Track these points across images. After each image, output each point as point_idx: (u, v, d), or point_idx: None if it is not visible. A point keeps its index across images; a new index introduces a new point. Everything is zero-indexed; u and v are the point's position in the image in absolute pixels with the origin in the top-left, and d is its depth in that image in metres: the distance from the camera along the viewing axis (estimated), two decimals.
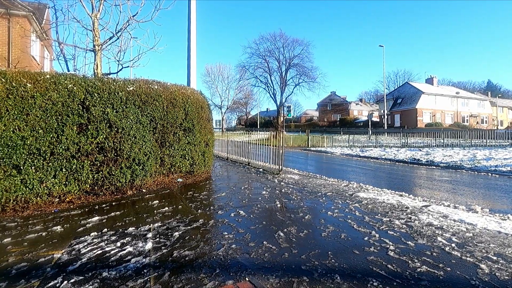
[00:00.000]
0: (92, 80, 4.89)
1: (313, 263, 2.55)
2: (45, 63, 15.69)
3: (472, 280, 2.28)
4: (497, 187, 6.83)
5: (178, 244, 2.96)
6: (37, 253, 2.77)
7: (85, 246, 2.91)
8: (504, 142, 19.79)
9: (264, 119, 66.99)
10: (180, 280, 2.28)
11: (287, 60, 40.95)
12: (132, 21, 7.35)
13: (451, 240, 3.10)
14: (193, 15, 8.85)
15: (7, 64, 11.25)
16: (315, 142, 23.40)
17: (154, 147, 5.61)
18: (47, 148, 4.24)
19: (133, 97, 5.24)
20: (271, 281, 2.25)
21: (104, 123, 4.77)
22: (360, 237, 3.21)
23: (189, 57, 8.91)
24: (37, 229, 3.43)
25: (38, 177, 4.17)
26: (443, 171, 9.67)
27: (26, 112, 4.12)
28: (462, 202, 5.22)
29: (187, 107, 6.22)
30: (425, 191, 6.34)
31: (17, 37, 11.68)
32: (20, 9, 11.95)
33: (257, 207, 4.40)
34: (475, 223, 3.70)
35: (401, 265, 2.52)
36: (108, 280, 2.27)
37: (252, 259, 2.65)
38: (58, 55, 8.15)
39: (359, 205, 4.53)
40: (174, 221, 3.73)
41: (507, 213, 4.29)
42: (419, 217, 3.94)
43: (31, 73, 4.38)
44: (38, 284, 2.23)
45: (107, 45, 7.32)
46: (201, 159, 6.73)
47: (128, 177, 5.04)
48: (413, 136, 22.42)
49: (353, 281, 2.26)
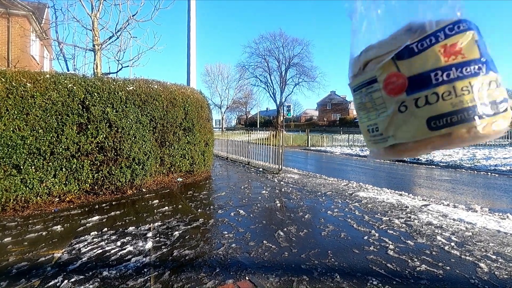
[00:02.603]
0: (92, 80, 4.89)
1: (313, 262, 2.56)
2: (45, 63, 15.68)
3: (471, 279, 2.29)
4: (496, 186, 6.84)
5: (178, 243, 2.97)
6: (38, 253, 2.78)
7: (85, 246, 2.92)
8: (504, 141, 19.81)
9: (264, 119, 66.99)
10: (180, 279, 2.28)
11: (286, 60, 40.96)
12: (131, 21, 7.35)
13: (451, 239, 3.11)
14: (193, 14, 8.85)
15: (7, 63, 11.24)
16: (314, 142, 23.41)
17: (154, 147, 5.62)
18: (47, 148, 4.24)
19: (133, 97, 5.24)
20: (271, 280, 2.26)
21: (104, 123, 4.77)
22: (360, 236, 3.21)
23: (188, 57, 8.91)
24: (37, 229, 3.43)
25: (38, 176, 4.17)
26: (442, 170, 9.69)
27: (26, 112, 4.12)
28: (462, 201, 5.23)
29: (187, 107, 6.22)
30: (424, 190, 6.34)
31: (17, 36, 11.67)
32: (20, 9, 11.94)
33: (257, 207, 4.41)
34: (475, 222, 3.71)
35: (401, 264, 2.53)
36: (108, 279, 2.27)
37: (252, 258, 2.65)
38: (58, 54, 8.16)
39: (359, 205, 4.54)
40: (174, 220, 3.74)
41: (506, 212, 4.30)
42: (419, 216, 3.95)
43: (31, 73, 4.38)
44: (38, 283, 2.24)
45: (106, 44, 7.33)
46: (201, 158, 6.73)
47: (128, 177, 5.04)
48: None
49: (352, 280, 2.27)
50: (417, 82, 0.35)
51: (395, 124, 0.38)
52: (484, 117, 0.34)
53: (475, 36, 0.36)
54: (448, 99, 0.34)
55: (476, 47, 0.35)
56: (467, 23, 0.36)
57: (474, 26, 0.36)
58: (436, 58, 0.35)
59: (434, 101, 0.34)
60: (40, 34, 13.26)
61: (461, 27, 0.36)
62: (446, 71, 0.34)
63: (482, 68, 0.35)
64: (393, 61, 0.37)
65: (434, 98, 0.34)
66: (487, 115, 0.34)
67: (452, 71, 0.34)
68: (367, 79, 0.40)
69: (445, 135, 0.34)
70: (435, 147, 0.37)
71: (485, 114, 0.34)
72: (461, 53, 0.35)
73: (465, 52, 0.35)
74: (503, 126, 0.35)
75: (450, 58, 0.35)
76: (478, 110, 0.33)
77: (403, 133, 0.37)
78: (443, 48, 0.35)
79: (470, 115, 0.33)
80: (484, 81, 0.34)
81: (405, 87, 0.36)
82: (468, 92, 0.34)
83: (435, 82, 0.34)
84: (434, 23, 0.37)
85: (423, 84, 0.35)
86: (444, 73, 0.34)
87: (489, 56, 0.36)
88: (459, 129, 0.34)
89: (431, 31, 0.36)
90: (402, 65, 0.37)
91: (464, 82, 0.34)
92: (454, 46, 0.35)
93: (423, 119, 0.35)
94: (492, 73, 0.35)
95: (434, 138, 0.35)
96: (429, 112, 0.34)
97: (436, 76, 0.34)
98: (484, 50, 0.36)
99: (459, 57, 0.35)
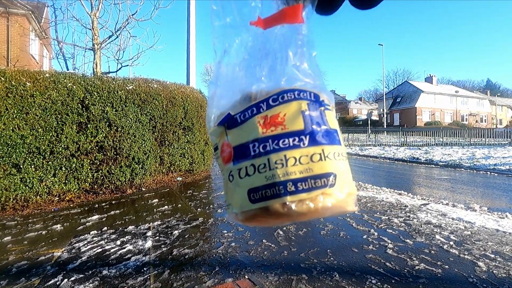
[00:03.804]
0: (91, 79, 4.89)
1: (312, 261, 2.57)
2: (44, 62, 15.66)
3: (470, 278, 2.30)
4: (495, 185, 6.86)
5: (177, 243, 2.97)
6: (37, 252, 2.78)
7: (85, 245, 2.92)
8: (503, 140, 19.85)
9: None
10: (179, 278, 2.29)
11: None
12: (131, 20, 7.35)
13: (449, 238, 3.12)
14: (193, 13, 8.84)
15: (6, 62, 11.23)
16: None
17: (154, 146, 5.62)
18: (47, 147, 4.25)
19: (132, 96, 5.24)
20: (270, 279, 2.27)
21: (104, 122, 4.77)
22: (359, 235, 3.22)
23: (188, 56, 8.91)
24: (37, 228, 3.44)
25: (38, 176, 4.18)
26: (442, 170, 9.70)
27: (26, 111, 4.12)
28: (461, 200, 5.24)
29: (187, 106, 6.22)
30: (424, 189, 6.36)
31: (16, 35, 11.66)
32: (19, 8, 11.92)
33: None
34: (474, 221, 3.72)
35: (400, 263, 2.54)
36: (108, 278, 2.28)
37: (252, 257, 2.66)
38: (57, 53, 8.16)
39: (358, 204, 4.55)
40: (173, 219, 3.74)
41: (505, 211, 4.31)
42: (418, 215, 3.96)
43: (31, 72, 4.38)
44: (38, 282, 2.24)
45: (106, 43, 7.33)
46: (201, 158, 6.73)
47: (127, 176, 5.04)
48: (412, 135, 22.48)
49: (351, 278, 2.28)
50: (239, 152, 0.35)
51: (229, 192, 0.37)
52: (296, 194, 0.32)
53: (303, 106, 0.34)
54: (263, 171, 0.33)
55: (301, 118, 0.34)
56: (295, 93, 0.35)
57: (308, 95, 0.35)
58: (255, 129, 0.34)
59: (252, 173, 0.34)
60: (40, 33, 13.25)
61: (286, 97, 0.34)
62: (262, 143, 0.34)
63: (304, 140, 0.33)
64: (225, 130, 0.37)
65: (251, 170, 0.34)
66: (300, 191, 0.32)
67: (268, 143, 0.33)
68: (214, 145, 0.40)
69: (265, 209, 0.33)
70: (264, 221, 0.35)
71: (298, 190, 0.32)
72: (282, 124, 0.34)
73: (286, 124, 0.34)
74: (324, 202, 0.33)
75: (269, 129, 0.34)
76: (289, 185, 0.32)
77: (234, 202, 0.36)
78: (263, 119, 0.34)
79: (281, 190, 0.32)
80: (303, 154, 0.33)
81: (231, 157, 0.36)
82: (282, 165, 0.32)
83: (253, 154, 0.34)
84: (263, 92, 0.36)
85: (244, 155, 0.34)
86: (260, 145, 0.34)
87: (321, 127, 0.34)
88: (274, 204, 0.32)
89: (255, 101, 0.36)
90: (230, 134, 0.37)
91: (279, 155, 0.33)
92: (275, 117, 0.34)
93: (244, 190, 0.34)
94: (318, 146, 0.34)
95: (256, 211, 0.34)
96: (248, 183, 0.34)
97: (254, 148, 0.34)
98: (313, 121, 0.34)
99: (279, 129, 0.34)
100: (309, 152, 0.34)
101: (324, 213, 0.34)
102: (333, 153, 0.35)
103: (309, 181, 0.33)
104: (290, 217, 0.34)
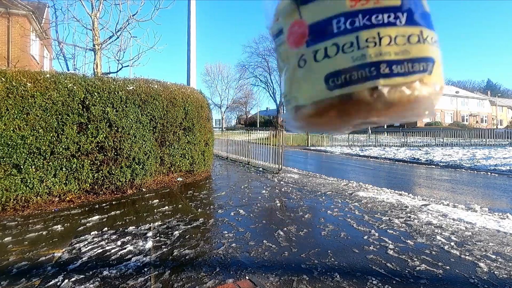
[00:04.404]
0: (92, 80, 4.89)
1: (312, 262, 2.56)
2: (45, 62, 15.67)
3: (471, 279, 2.29)
4: (496, 186, 6.85)
5: (178, 243, 2.97)
6: (38, 252, 2.78)
7: (86, 245, 2.92)
8: (504, 141, 19.83)
9: (263, 118, 66.92)
10: (180, 278, 2.29)
11: None
12: (132, 20, 7.36)
13: (450, 239, 3.11)
14: (193, 14, 8.85)
15: (7, 63, 11.24)
16: (314, 141, 23.41)
17: (154, 146, 5.62)
18: (47, 148, 4.25)
19: (133, 97, 5.24)
20: (271, 280, 2.26)
21: (104, 123, 4.77)
22: (360, 236, 3.22)
23: (189, 57, 8.92)
24: (37, 228, 3.44)
25: (38, 176, 4.18)
26: (442, 170, 9.69)
27: (26, 112, 4.12)
28: (461, 201, 5.23)
29: (187, 106, 6.22)
30: (424, 190, 6.35)
31: (17, 36, 11.67)
32: (20, 8, 11.94)
33: (257, 206, 4.41)
34: (474, 222, 3.71)
35: (401, 264, 2.54)
36: (108, 279, 2.28)
37: (252, 257, 2.66)
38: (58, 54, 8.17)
39: (359, 204, 4.55)
40: (174, 220, 3.74)
41: (506, 212, 4.30)
42: (419, 216, 3.95)
43: (31, 73, 4.38)
44: (39, 282, 2.24)
45: (107, 44, 7.33)
46: (201, 158, 6.73)
47: (128, 176, 5.04)
48: (413, 135, 22.45)
49: (352, 279, 2.28)
50: (317, 30, 0.30)
51: (296, 81, 0.32)
52: (391, 77, 0.28)
53: None
54: (349, 51, 0.28)
55: None
56: None
57: None
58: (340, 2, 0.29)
59: (334, 54, 0.29)
60: (40, 34, 13.26)
61: None
62: (350, 17, 0.28)
63: (400, 18, 0.29)
64: (297, 6, 0.32)
65: (333, 50, 0.29)
66: (395, 75, 0.28)
67: (357, 19, 0.28)
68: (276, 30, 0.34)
69: (346, 97, 0.28)
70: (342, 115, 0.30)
71: (393, 73, 0.28)
72: None
73: None
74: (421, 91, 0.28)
75: (359, 2, 0.29)
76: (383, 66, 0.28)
77: (303, 93, 0.31)
78: None
79: (372, 72, 0.27)
80: (399, 34, 0.29)
81: (305, 37, 0.31)
82: (374, 44, 0.28)
83: (336, 31, 0.29)
84: None
85: (323, 33, 0.29)
86: (347, 21, 0.29)
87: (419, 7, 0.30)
88: (360, 90, 0.28)
89: None
90: (305, 10, 0.31)
91: (371, 32, 0.28)
92: None
93: (321, 75, 0.29)
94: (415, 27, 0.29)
95: (334, 101, 0.29)
96: (327, 67, 0.29)
97: (338, 24, 0.29)
98: None
99: (371, 2, 0.29)
100: (406, 32, 0.29)
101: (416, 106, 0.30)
102: (431, 37, 0.31)
103: (406, 64, 0.29)
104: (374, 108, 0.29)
